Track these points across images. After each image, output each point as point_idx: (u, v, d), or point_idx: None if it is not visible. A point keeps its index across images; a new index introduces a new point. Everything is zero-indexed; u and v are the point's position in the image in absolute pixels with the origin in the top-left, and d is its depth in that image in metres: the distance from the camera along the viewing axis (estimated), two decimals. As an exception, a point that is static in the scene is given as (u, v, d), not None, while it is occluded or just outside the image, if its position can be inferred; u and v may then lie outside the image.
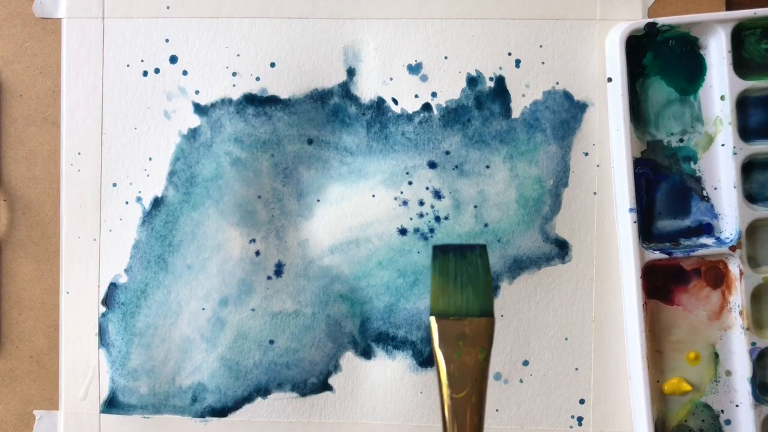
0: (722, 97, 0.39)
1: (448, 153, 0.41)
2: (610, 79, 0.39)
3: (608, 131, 0.40)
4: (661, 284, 0.40)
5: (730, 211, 0.39)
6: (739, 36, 0.39)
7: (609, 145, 0.40)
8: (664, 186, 0.40)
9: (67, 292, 0.41)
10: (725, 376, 0.40)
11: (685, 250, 0.39)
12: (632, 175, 0.39)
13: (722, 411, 0.40)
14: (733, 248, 0.39)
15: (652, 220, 0.40)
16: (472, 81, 0.40)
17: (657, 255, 0.39)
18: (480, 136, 0.41)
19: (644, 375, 0.38)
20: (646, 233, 0.40)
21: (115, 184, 0.41)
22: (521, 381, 0.41)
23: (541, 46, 0.40)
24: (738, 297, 0.39)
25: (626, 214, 0.39)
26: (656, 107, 0.40)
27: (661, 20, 0.39)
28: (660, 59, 0.40)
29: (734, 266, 0.39)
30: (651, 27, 0.39)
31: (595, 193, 0.40)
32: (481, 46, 0.40)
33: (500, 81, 0.40)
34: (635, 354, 0.39)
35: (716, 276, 0.40)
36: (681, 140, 0.40)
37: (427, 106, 0.41)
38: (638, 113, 0.40)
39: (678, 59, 0.40)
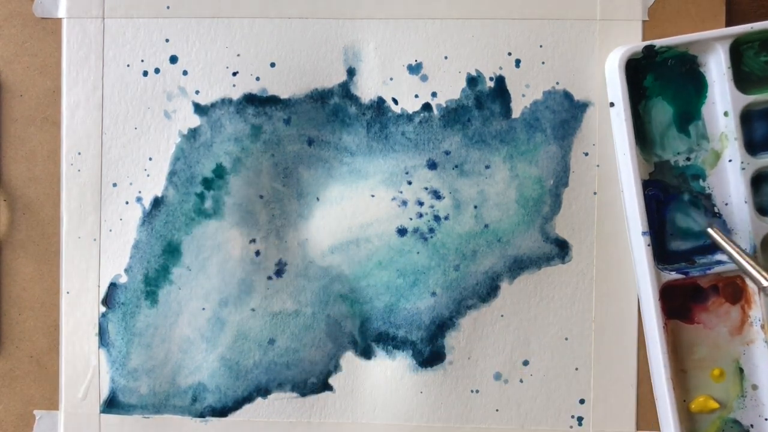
0: (726, 113, 0.39)
1: (448, 153, 0.41)
2: (612, 104, 0.39)
3: (608, 131, 0.40)
4: (679, 304, 0.40)
5: (742, 225, 0.39)
6: (738, 50, 0.39)
7: (609, 145, 0.40)
8: (674, 205, 0.40)
9: (67, 292, 0.41)
10: (752, 391, 0.39)
11: (701, 269, 0.39)
12: (642, 198, 0.38)
13: (752, 426, 0.39)
14: None
15: (665, 241, 0.40)
16: (472, 81, 0.40)
17: (673, 276, 0.39)
18: (480, 136, 0.41)
19: (670, 396, 0.38)
20: (661, 254, 0.40)
21: (115, 184, 0.41)
22: (521, 381, 0.41)
23: (541, 46, 0.40)
24: (758, 311, 0.39)
25: (639, 238, 0.39)
26: (660, 128, 0.40)
27: (659, 42, 0.38)
28: (661, 80, 0.40)
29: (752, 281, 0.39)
30: (649, 49, 0.39)
31: (595, 193, 0.40)
32: (481, 46, 0.40)
33: (500, 81, 0.40)
34: (659, 375, 0.39)
35: (734, 291, 0.40)
36: (688, 159, 0.40)
37: (427, 106, 0.41)
38: (643, 135, 0.40)
39: (678, 79, 0.40)
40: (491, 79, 0.40)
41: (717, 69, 0.39)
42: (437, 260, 0.41)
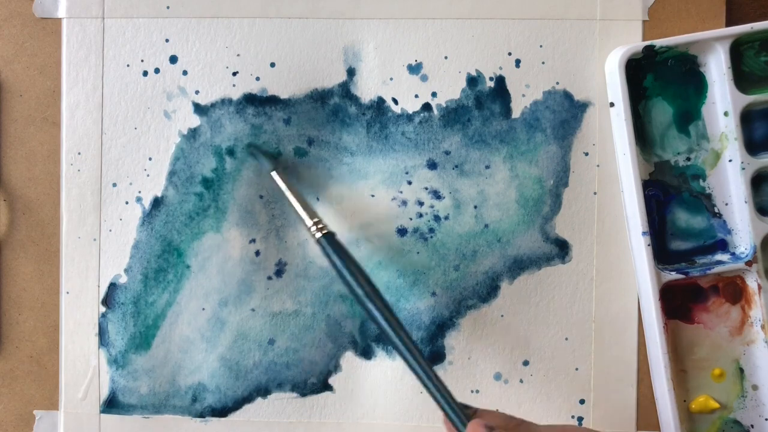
0: (726, 113, 0.39)
1: (448, 153, 0.41)
2: (612, 104, 0.39)
3: (608, 131, 0.40)
4: (679, 304, 0.40)
5: (743, 225, 0.39)
6: (738, 50, 0.39)
7: (609, 145, 0.40)
8: (674, 205, 0.40)
9: (67, 292, 0.41)
10: (752, 391, 0.39)
11: (701, 269, 0.39)
12: (642, 198, 0.38)
13: (752, 426, 0.39)
14: (749, 263, 0.39)
15: (665, 241, 0.40)
16: (472, 81, 0.40)
17: (673, 276, 0.39)
18: (480, 136, 0.41)
19: (670, 396, 0.38)
20: (661, 254, 0.40)
21: (115, 184, 0.41)
22: (521, 381, 0.41)
23: (541, 46, 0.40)
24: (758, 311, 0.39)
25: (640, 238, 0.39)
26: (660, 128, 0.40)
27: (659, 42, 0.38)
28: (661, 80, 0.40)
29: (752, 281, 0.39)
30: (649, 49, 0.39)
31: (595, 193, 0.40)
32: (481, 46, 0.40)
33: (500, 81, 0.40)
34: (659, 375, 0.39)
35: (734, 291, 0.40)
36: (688, 159, 0.40)
37: (427, 106, 0.41)
38: (643, 135, 0.40)
39: (678, 79, 0.40)
40: (491, 79, 0.40)
41: (717, 69, 0.39)
42: (437, 260, 0.41)
